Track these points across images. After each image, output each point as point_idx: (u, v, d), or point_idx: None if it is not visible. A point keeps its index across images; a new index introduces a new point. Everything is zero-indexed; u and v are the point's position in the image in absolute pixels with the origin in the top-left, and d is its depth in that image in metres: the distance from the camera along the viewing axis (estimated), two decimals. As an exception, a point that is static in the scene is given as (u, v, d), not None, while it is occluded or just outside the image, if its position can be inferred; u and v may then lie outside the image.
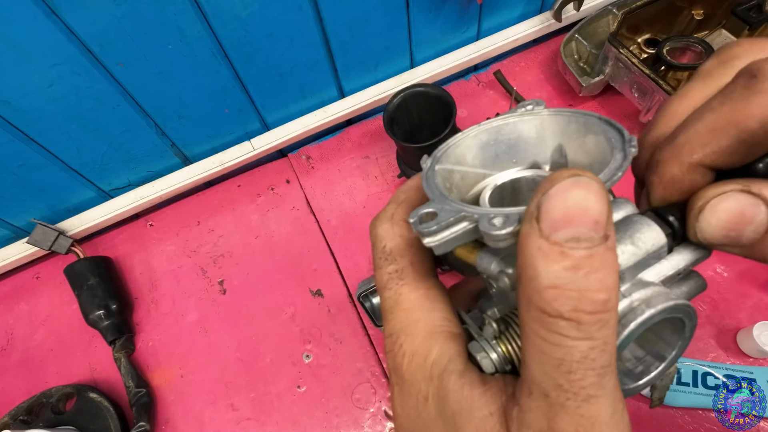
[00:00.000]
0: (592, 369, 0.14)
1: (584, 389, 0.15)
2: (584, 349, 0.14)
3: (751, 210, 0.16)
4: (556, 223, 0.14)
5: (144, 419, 0.53)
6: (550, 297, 0.14)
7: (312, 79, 0.64)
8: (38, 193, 0.60)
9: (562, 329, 0.14)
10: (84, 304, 0.59)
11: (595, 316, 0.14)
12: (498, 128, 0.21)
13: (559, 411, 0.15)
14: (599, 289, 0.14)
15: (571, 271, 0.14)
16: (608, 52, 0.61)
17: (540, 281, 0.14)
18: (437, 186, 0.19)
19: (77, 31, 0.46)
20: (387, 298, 0.21)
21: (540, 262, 0.14)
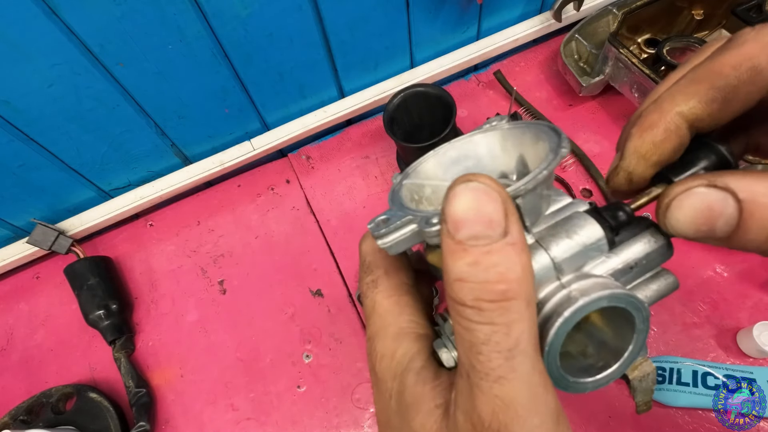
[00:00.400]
0: (498, 351, 0.16)
1: (493, 370, 0.16)
2: (487, 332, 0.16)
3: (719, 204, 0.17)
4: (456, 224, 0.16)
5: (144, 419, 0.53)
6: (457, 288, 0.16)
7: (312, 79, 0.64)
8: (38, 193, 0.60)
9: (468, 315, 0.16)
10: (84, 304, 0.59)
11: (495, 304, 0.16)
12: (464, 144, 0.23)
13: (476, 391, 0.16)
14: (498, 281, 0.16)
15: (473, 266, 0.16)
16: (608, 52, 0.61)
17: (450, 275, 0.16)
18: (400, 198, 0.21)
19: (77, 31, 0.46)
20: (365, 305, 0.23)
21: (449, 259, 0.16)
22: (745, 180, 0.16)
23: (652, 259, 0.20)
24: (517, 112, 0.60)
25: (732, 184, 0.16)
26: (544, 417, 0.16)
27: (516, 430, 0.16)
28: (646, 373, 0.20)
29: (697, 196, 0.17)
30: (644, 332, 0.19)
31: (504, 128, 0.22)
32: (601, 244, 0.19)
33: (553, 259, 0.18)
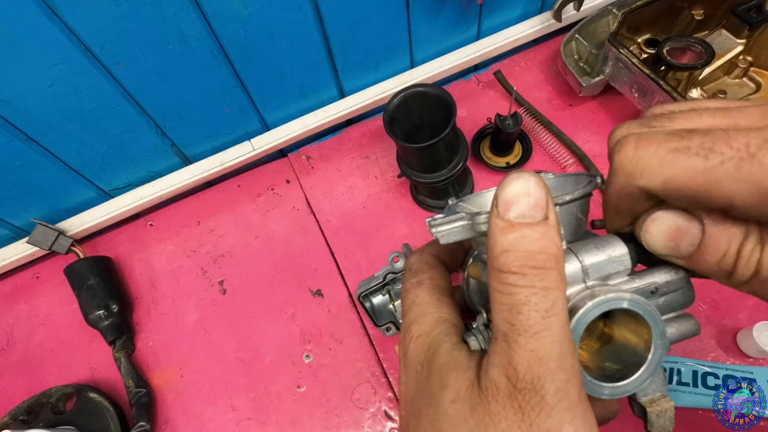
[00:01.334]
0: (536, 311, 0.19)
1: (531, 327, 0.18)
2: (527, 293, 0.19)
3: (685, 225, 0.20)
4: (507, 204, 0.19)
5: (144, 419, 0.53)
6: (503, 258, 0.19)
7: (312, 79, 0.64)
8: (38, 193, 0.60)
9: (511, 280, 0.19)
10: (84, 304, 0.59)
11: (537, 270, 0.19)
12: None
13: (514, 347, 0.19)
14: (539, 252, 0.19)
15: (519, 239, 0.19)
16: (608, 52, 0.61)
17: (496, 249, 0.19)
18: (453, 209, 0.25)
19: (77, 31, 0.46)
20: (407, 300, 0.27)
21: (497, 234, 0.19)
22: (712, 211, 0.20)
23: (673, 289, 0.22)
24: (517, 112, 0.60)
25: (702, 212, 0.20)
26: (570, 375, 0.18)
27: (547, 382, 0.18)
28: (665, 410, 0.23)
29: (670, 214, 0.21)
30: (661, 347, 0.21)
31: (550, 178, 0.27)
32: (624, 259, 0.22)
33: (582, 263, 0.21)
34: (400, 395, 0.25)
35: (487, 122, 0.66)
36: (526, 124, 0.66)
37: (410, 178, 0.59)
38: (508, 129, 0.59)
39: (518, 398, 0.18)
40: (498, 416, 0.19)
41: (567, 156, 0.64)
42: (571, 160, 0.64)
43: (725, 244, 0.19)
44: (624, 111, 0.67)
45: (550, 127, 0.66)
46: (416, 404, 0.23)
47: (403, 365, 0.25)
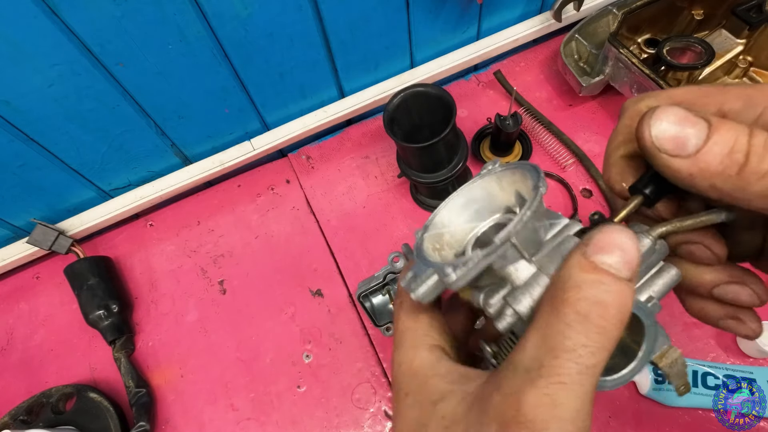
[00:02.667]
0: (576, 363, 0.17)
1: (559, 376, 0.17)
2: (577, 343, 0.18)
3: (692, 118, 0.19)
4: (598, 248, 0.19)
5: (144, 419, 0.53)
6: (572, 293, 0.18)
7: (312, 79, 0.64)
8: (38, 193, 0.60)
9: (569, 320, 0.18)
10: (84, 304, 0.59)
11: (600, 323, 0.18)
12: (468, 191, 0.27)
13: (529, 384, 0.18)
14: (611, 306, 0.18)
15: (596, 283, 0.18)
16: (608, 52, 0.61)
17: (569, 282, 0.18)
18: (423, 252, 0.24)
19: (77, 31, 0.46)
20: (395, 318, 0.27)
21: (575, 269, 0.19)
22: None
23: (648, 257, 0.22)
24: (517, 112, 0.60)
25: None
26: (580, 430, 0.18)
27: (552, 428, 0.17)
28: (674, 359, 0.22)
29: (678, 108, 0.19)
30: (653, 327, 0.21)
31: (497, 172, 0.26)
32: None
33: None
34: (394, 420, 0.24)
35: (487, 122, 0.66)
36: (526, 124, 0.66)
37: (410, 178, 0.59)
38: (508, 129, 0.59)
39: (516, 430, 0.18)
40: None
41: (567, 156, 0.64)
42: (571, 160, 0.64)
43: (733, 134, 0.18)
44: (624, 111, 0.67)
45: (550, 127, 0.66)
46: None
47: (393, 390, 0.25)
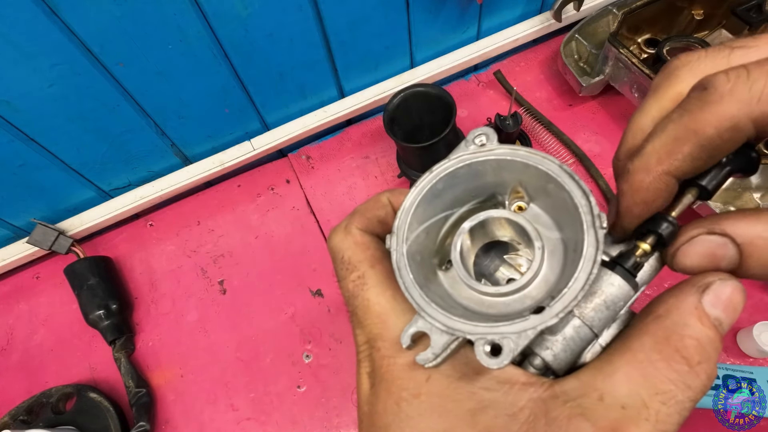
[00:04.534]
0: (679, 414, 0.17)
1: (665, 424, 0.17)
2: (686, 397, 0.17)
3: (720, 250, 0.18)
4: (719, 304, 0.18)
5: (144, 419, 0.53)
6: (690, 345, 0.17)
7: (312, 79, 0.64)
8: (38, 193, 0.60)
9: (684, 373, 0.17)
10: (84, 304, 0.59)
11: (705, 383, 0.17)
12: (453, 173, 0.21)
13: (631, 423, 0.17)
14: (715, 365, 0.18)
15: (709, 339, 0.17)
16: (608, 52, 0.61)
17: (687, 331, 0.17)
18: (413, 283, 0.19)
19: (77, 31, 0.46)
20: (357, 306, 0.21)
21: (693, 318, 0.18)
22: (741, 223, 0.18)
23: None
24: (517, 112, 0.60)
25: (729, 229, 0.18)
26: None
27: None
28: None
29: (700, 243, 0.19)
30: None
31: (498, 155, 0.20)
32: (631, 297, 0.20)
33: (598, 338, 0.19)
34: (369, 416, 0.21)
35: (487, 122, 0.66)
36: (526, 124, 0.66)
37: (410, 178, 0.59)
38: (508, 129, 0.59)
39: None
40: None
41: (567, 156, 0.64)
42: (571, 160, 0.64)
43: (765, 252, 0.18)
44: (624, 111, 0.67)
45: (550, 127, 0.66)
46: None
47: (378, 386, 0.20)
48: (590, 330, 0.19)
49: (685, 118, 0.18)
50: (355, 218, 0.23)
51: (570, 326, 0.19)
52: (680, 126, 0.18)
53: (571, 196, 0.19)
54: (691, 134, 0.18)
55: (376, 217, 0.24)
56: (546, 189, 0.20)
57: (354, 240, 0.23)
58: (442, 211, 0.22)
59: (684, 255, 0.19)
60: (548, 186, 0.20)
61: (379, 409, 0.20)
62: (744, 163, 0.19)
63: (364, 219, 0.23)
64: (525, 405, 0.18)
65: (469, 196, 0.22)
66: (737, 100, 0.17)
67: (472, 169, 0.21)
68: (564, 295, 0.17)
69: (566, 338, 0.19)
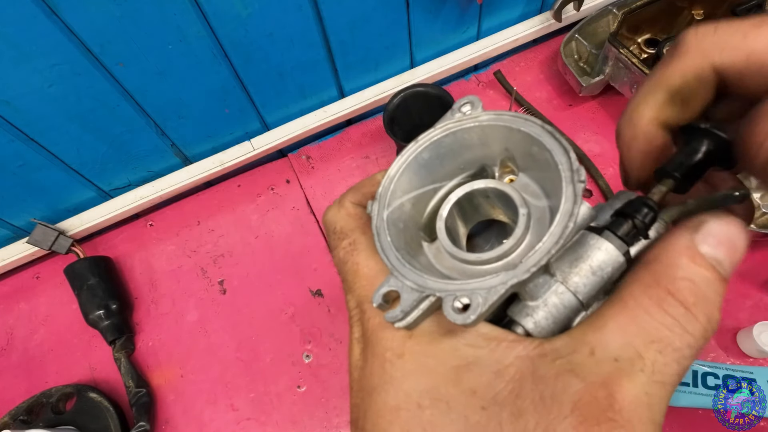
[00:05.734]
0: (678, 362, 0.16)
1: (662, 374, 0.16)
2: (684, 342, 0.16)
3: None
4: (711, 240, 0.17)
5: (144, 419, 0.53)
6: (684, 287, 0.16)
7: (312, 79, 0.64)
8: (38, 193, 0.60)
9: (679, 316, 0.16)
10: (84, 304, 0.59)
11: (707, 327, 0.16)
12: (438, 142, 0.21)
13: (626, 378, 0.15)
14: (717, 307, 0.16)
15: (705, 279, 0.16)
16: (608, 52, 0.61)
17: (678, 272, 0.16)
18: (390, 246, 0.19)
19: (77, 31, 0.46)
20: (347, 271, 0.21)
21: (684, 259, 0.17)
22: None
23: None
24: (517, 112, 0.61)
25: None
26: None
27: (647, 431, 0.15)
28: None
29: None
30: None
31: (483, 121, 0.20)
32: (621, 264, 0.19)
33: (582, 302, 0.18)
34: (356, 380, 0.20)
35: (487, 122, 0.66)
36: (526, 124, 0.66)
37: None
38: (508, 129, 0.59)
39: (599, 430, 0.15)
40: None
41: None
42: (571, 160, 0.64)
43: None
44: (624, 111, 0.67)
45: (550, 127, 0.66)
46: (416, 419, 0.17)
47: (367, 350, 0.20)
48: (575, 297, 0.18)
49: (658, 71, 0.20)
50: (348, 194, 0.24)
51: (552, 292, 0.18)
52: (653, 78, 0.20)
53: (552, 155, 0.18)
54: (660, 83, 0.19)
55: (370, 193, 0.24)
56: (531, 153, 0.20)
57: (347, 212, 0.23)
58: (430, 183, 0.21)
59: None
60: (533, 149, 0.19)
61: (367, 373, 0.20)
62: (711, 142, 0.19)
63: (358, 194, 0.24)
64: (512, 363, 0.17)
65: (458, 169, 0.22)
66: (701, 51, 0.18)
67: (458, 138, 0.20)
68: (537, 250, 0.16)
69: (548, 305, 0.18)
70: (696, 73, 0.18)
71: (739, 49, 0.17)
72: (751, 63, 0.17)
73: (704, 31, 0.18)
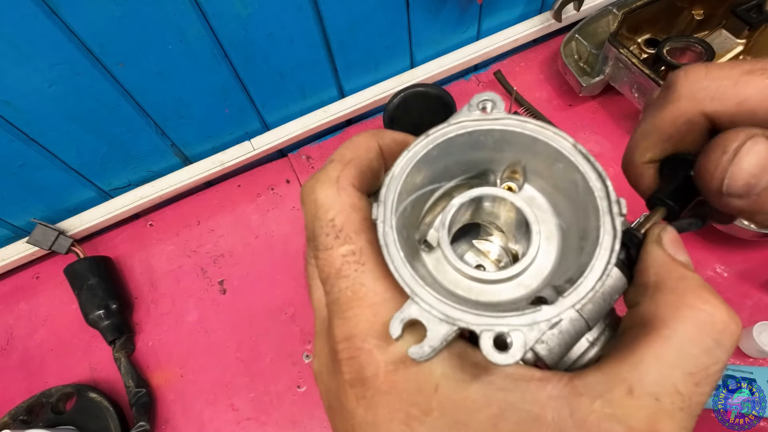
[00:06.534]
0: (711, 388, 0.16)
1: (699, 405, 0.15)
2: (721, 364, 0.16)
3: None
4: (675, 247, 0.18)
5: (144, 419, 0.53)
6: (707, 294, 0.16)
7: (312, 79, 0.64)
8: (38, 193, 0.60)
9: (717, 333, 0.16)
10: (84, 304, 0.59)
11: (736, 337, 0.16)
12: (452, 140, 0.18)
13: (666, 417, 0.15)
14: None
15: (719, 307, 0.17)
16: (608, 52, 0.61)
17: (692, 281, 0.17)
18: (403, 263, 0.16)
19: (77, 31, 0.46)
20: (342, 289, 0.17)
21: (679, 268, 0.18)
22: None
23: None
24: (517, 112, 0.60)
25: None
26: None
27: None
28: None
29: (761, 143, 0.17)
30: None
31: (505, 125, 0.18)
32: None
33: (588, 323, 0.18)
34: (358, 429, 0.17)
35: (487, 122, 0.66)
36: (526, 124, 0.66)
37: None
38: (508, 129, 0.59)
39: None
40: None
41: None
42: (571, 160, 0.64)
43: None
44: (624, 111, 0.67)
45: (550, 127, 0.66)
46: None
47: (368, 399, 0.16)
48: (586, 323, 0.18)
49: (650, 115, 0.21)
50: (348, 170, 0.19)
51: (567, 319, 0.17)
52: (647, 123, 0.21)
53: (585, 179, 0.17)
54: (655, 131, 0.20)
55: (371, 171, 0.20)
56: (552, 169, 0.19)
57: (350, 201, 0.18)
58: (430, 183, 0.19)
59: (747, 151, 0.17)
60: (556, 165, 0.18)
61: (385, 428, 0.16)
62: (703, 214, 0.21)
63: (359, 173, 0.19)
64: (546, 404, 0.15)
65: (460, 169, 0.20)
66: (692, 99, 0.18)
67: (473, 138, 0.18)
68: (579, 285, 0.16)
69: (562, 331, 0.17)
70: (687, 119, 0.19)
71: (730, 97, 0.18)
72: (742, 111, 0.18)
73: (695, 76, 0.19)
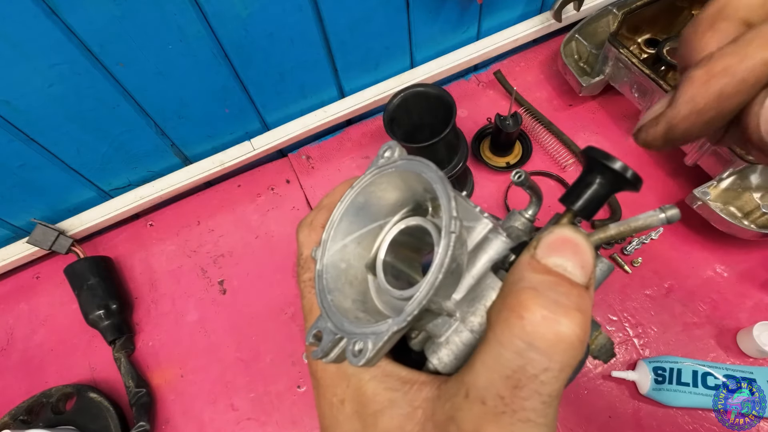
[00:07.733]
0: (539, 393, 0.15)
1: (524, 410, 0.15)
2: (539, 367, 0.15)
3: None
4: (549, 249, 0.16)
5: (144, 419, 0.53)
6: (527, 297, 0.15)
7: (312, 79, 0.64)
8: (38, 193, 0.60)
9: (527, 335, 0.15)
10: (84, 304, 0.59)
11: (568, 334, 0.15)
12: (367, 188, 0.21)
13: (490, 420, 0.15)
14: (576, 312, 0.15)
15: (550, 284, 0.16)
16: (608, 52, 0.61)
17: (521, 284, 0.16)
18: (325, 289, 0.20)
19: (77, 30, 0.46)
20: (305, 304, 0.23)
21: (526, 270, 0.16)
22: None
23: None
24: (517, 112, 0.60)
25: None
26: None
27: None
28: (602, 345, 0.22)
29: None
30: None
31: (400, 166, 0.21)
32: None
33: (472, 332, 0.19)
34: (320, 419, 0.22)
35: (487, 122, 0.66)
36: (526, 124, 0.66)
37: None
38: (508, 129, 0.59)
39: None
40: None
41: (567, 156, 0.64)
42: (571, 160, 0.64)
43: None
44: (624, 111, 0.67)
45: (550, 127, 0.66)
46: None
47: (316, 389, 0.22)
48: (471, 334, 0.19)
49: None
50: (321, 214, 0.24)
51: (453, 331, 0.19)
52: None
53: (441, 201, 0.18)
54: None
55: None
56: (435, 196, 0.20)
57: (316, 239, 0.23)
58: (373, 222, 0.22)
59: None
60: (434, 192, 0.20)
61: (323, 412, 0.21)
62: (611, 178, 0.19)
63: (328, 214, 0.23)
64: (419, 405, 0.17)
65: (397, 206, 0.22)
66: None
67: (384, 181, 0.21)
68: (414, 300, 0.17)
69: (450, 343, 0.19)
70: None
71: None
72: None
73: None
